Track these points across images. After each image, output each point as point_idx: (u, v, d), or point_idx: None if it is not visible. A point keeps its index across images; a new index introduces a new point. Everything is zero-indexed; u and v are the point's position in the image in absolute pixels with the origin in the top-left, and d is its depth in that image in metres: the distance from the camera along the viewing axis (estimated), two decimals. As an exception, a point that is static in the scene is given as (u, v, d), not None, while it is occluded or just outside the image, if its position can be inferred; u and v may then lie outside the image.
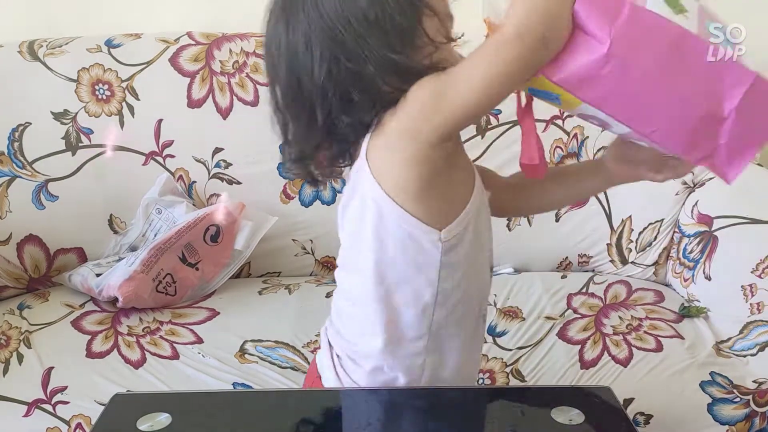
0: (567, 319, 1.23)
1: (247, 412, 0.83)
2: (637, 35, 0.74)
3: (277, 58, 0.75)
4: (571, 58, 0.72)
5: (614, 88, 0.74)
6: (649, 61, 0.74)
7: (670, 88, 0.76)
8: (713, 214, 1.33)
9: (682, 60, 0.77)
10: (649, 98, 0.75)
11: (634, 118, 0.76)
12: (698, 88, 0.77)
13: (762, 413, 1.05)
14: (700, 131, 0.77)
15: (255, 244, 1.34)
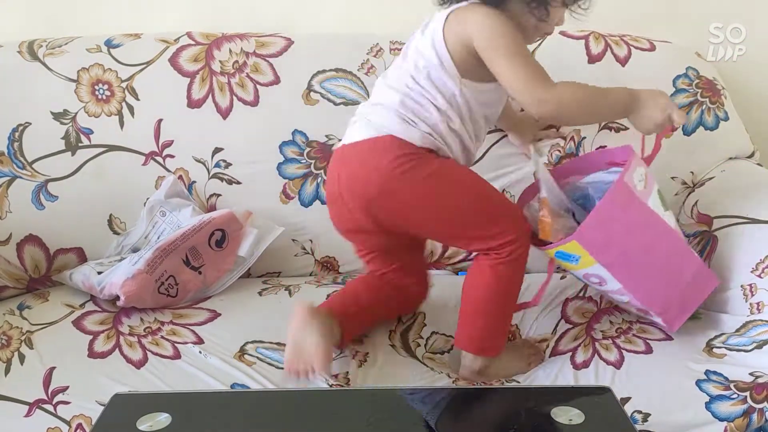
0: (559, 334, 1.23)
1: (247, 412, 0.83)
2: (639, 222, 1.09)
3: None
4: (600, 233, 1.07)
5: (619, 256, 1.09)
6: (643, 242, 1.10)
7: (651, 264, 1.12)
8: (713, 214, 1.33)
9: (661, 245, 1.11)
10: (638, 267, 1.11)
11: (625, 279, 1.11)
12: (668, 265, 1.13)
13: (759, 409, 1.05)
14: (663, 294, 1.14)
15: (259, 253, 1.34)
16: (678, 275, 1.14)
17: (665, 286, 1.14)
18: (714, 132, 1.46)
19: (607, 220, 1.07)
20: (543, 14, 1.07)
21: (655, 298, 1.15)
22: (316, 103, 1.41)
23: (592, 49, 1.46)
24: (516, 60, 1.04)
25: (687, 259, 1.14)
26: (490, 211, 1.09)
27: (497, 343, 1.13)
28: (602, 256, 1.09)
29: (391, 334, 1.21)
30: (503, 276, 1.09)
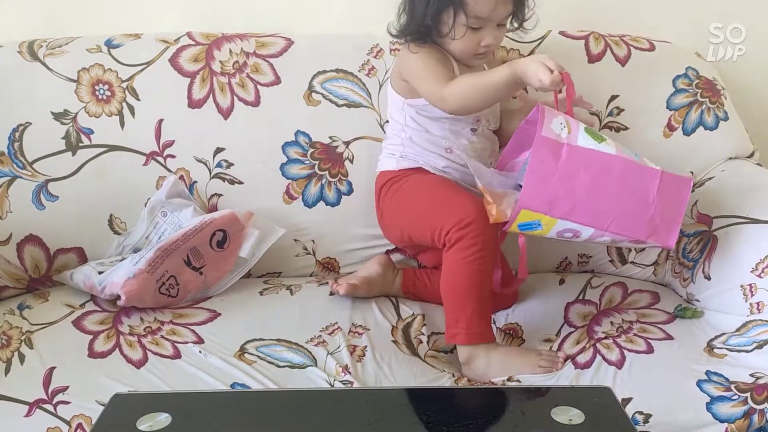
0: (563, 336, 1.23)
1: (247, 412, 0.83)
2: (576, 165, 1.10)
3: None
4: (542, 192, 1.10)
5: (573, 204, 1.10)
6: (588, 180, 1.10)
7: (609, 195, 1.11)
8: (712, 213, 1.33)
9: (610, 175, 1.11)
10: (597, 205, 1.11)
11: (592, 221, 1.12)
12: (626, 190, 1.12)
13: (760, 410, 1.05)
14: (640, 218, 1.12)
15: (260, 254, 1.34)
16: (642, 194, 1.11)
17: (635, 210, 1.12)
18: (714, 132, 1.46)
19: (543, 177, 1.10)
20: (449, 34, 1.24)
21: (633, 226, 1.13)
22: (318, 104, 1.41)
23: (592, 49, 1.46)
24: (425, 76, 1.25)
25: (644, 175, 1.12)
26: (440, 206, 1.23)
27: (482, 328, 1.16)
28: (557, 210, 1.11)
29: (393, 330, 1.21)
30: (466, 262, 1.16)
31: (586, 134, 1.13)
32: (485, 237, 1.17)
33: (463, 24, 1.22)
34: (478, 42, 1.25)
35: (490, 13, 1.22)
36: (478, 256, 1.16)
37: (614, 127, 1.45)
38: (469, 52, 1.27)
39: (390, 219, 1.34)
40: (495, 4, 1.21)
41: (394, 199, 1.32)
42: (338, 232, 1.43)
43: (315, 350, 1.13)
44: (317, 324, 1.20)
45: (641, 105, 1.46)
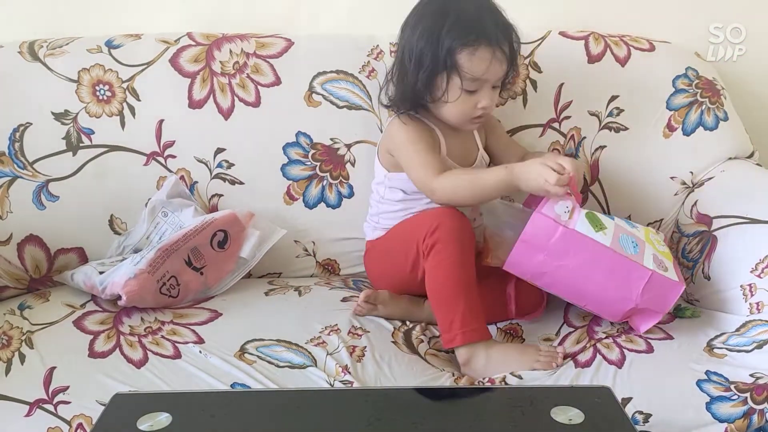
0: (563, 335, 1.23)
1: (247, 412, 0.83)
2: (566, 248, 1.13)
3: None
4: (525, 262, 1.15)
5: (555, 280, 1.17)
6: (575, 264, 1.14)
7: (592, 282, 1.15)
8: (712, 213, 1.33)
9: (597, 264, 1.14)
10: (579, 287, 1.17)
11: (571, 298, 1.21)
12: (611, 282, 1.15)
13: (760, 410, 1.05)
14: (618, 307, 1.17)
15: (261, 255, 1.35)
16: (626, 289, 1.14)
17: (616, 301, 1.15)
18: (714, 132, 1.46)
19: (531, 251, 1.15)
20: (443, 98, 1.23)
21: (609, 312, 1.18)
22: (319, 105, 1.41)
23: (592, 50, 1.47)
24: (414, 161, 1.25)
25: (632, 272, 1.13)
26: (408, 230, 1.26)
27: (476, 325, 1.15)
28: (539, 281, 1.18)
29: (394, 332, 1.21)
30: (446, 263, 1.17)
31: (586, 220, 1.15)
32: (458, 235, 1.18)
33: (458, 87, 1.21)
34: (474, 105, 1.23)
35: (484, 73, 1.20)
36: (456, 254, 1.16)
37: (614, 127, 1.46)
38: (466, 116, 1.25)
39: (375, 275, 1.36)
40: (489, 63, 1.19)
41: (373, 258, 1.36)
42: (339, 233, 1.43)
43: (315, 350, 1.13)
44: (318, 325, 1.20)
45: (641, 105, 1.46)
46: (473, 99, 1.23)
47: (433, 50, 1.20)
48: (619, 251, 1.14)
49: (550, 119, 1.45)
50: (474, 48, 1.18)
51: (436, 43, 1.19)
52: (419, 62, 1.21)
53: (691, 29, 1.58)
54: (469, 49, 1.19)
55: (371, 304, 1.24)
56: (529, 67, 1.45)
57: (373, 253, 1.37)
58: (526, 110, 1.44)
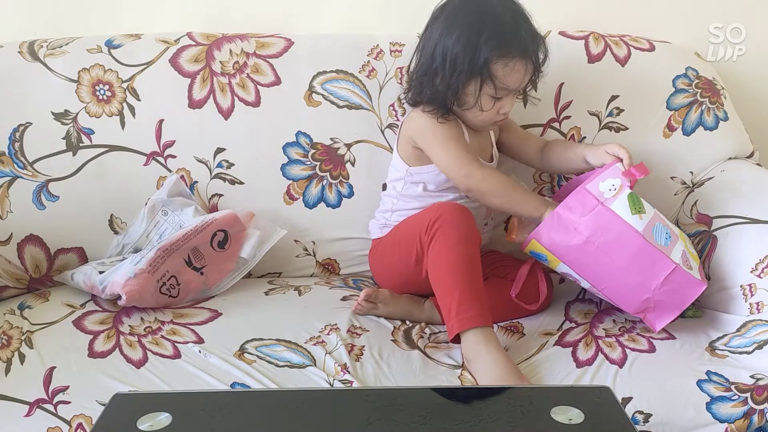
0: (564, 330, 1.23)
1: (247, 412, 0.83)
2: (597, 225, 1.15)
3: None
4: (554, 233, 1.17)
5: (578, 258, 1.17)
6: (602, 243, 1.15)
7: (614, 265, 1.15)
8: (712, 214, 1.33)
9: (624, 247, 1.15)
10: (600, 267, 1.16)
11: (591, 279, 1.19)
12: (633, 267, 1.15)
13: (760, 410, 1.05)
14: (635, 296, 1.17)
15: (261, 255, 1.34)
16: (647, 277, 1.15)
17: (634, 288, 1.16)
18: (714, 132, 1.46)
19: (564, 223, 1.16)
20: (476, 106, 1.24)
21: (625, 300, 1.18)
22: (319, 105, 1.41)
23: (592, 50, 1.47)
24: (448, 143, 1.26)
25: (657, 262, 1.14)
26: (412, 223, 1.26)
27: (474, 312, 1.13)
28: (564, 256, 1.18)
29: (394, 331, 1.21)
30: (446, 250, 1.17)
31: (627, 200, 1.16)
32: (460, 224, 1.18)
33: (490, 95, 1.23)
34: (497, 110, 1.26)
35: (516, 84, 1.24)
36: (456, 241, 1.17)
37: (614, 127, 1.46)
38: (488, 120, 1.28)
39: (379, 272, 1.37)
40: (523, 75, 1.23)
41: (378, 257, 1.36)
42: (339, 233, 1.43)
43: (314, 350, 1.13)
44: (317, 325, 1.20)
45: (641, 105, 1.46)
46: (498, 105, 1.26)
47: (470, 57, 1.20)
48: (649, 239, 1.15)
49: (550, 119, 1.45)
50: (510, 59, 1.20)
51: (473, 50, 1.19)
52: (453, 65, 1.21)
53: (691, 29, 1.58)
54: (504, 60, 1.20)
55: (371, 302, 1.24)
56: (529, 67, 1.45)
57: (378, 251, 1.37)
58: (526, 110, 1.44)
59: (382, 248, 1.35)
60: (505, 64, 1.21)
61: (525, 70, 1.23)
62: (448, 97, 1.25)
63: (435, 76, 1.24)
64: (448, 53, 1.21)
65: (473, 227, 1.21)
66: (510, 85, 1.23)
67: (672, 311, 1.17)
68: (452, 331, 1.15)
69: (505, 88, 1.23)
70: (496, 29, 1.20)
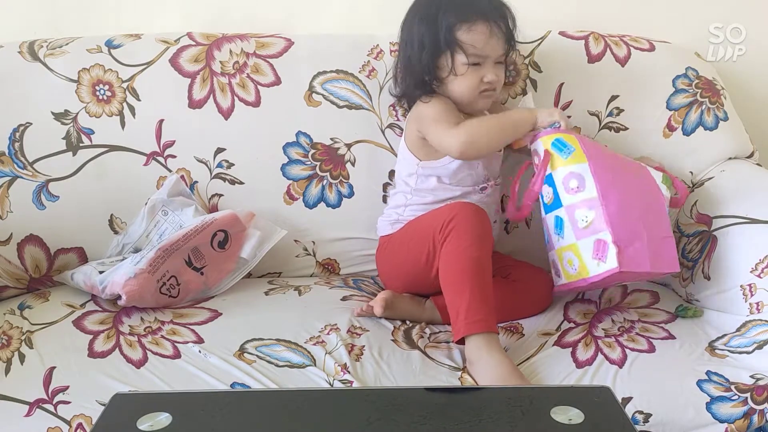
0: (563, 330, 1.23)
1: (247, 412, 0.83)
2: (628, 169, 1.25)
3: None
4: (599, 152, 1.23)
5: (604, 165, 1.20)
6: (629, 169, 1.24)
7: (632, 189, 1.20)
8: (712, 214, 1.33)
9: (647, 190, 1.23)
10: (618, 184, 1.19)
11: (602, 188, 1.17)
12: (645, 204, 1.20)
13: (760, 410, 1.05)
14: (631, 226, 1.17)
15: (262, 255, 1.34)
16: (650, 223, 1.18)
17: (636, 220, 1.17)
18: (713, 132, 1.46)
19: (601, 147, 1.26)
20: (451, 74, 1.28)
21: (622, 223, 1.16)
22: (319, 105, 1.41)
23: (592, 50, 1.47)
24: (439, 119, 1.28)
25: (664, 222, 1.20)
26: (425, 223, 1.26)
27: (481, 316, 1.13)
28: (593, 159, 1.19)
29: (394, 331, 1.21)
30: (458, 251, 1.17)
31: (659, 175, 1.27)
32: (475, 226, 1.18)
33: (463, 63, 1.27)
34: (480, 79, 1.28)
35: (485, 45, 1.26)
36: (471, 244, 1.17)
37: (614, 127, 1.46)
38: (473, 90, 1.29)
39: (386, 271, 1.36)
40: (488, 36, 1.25)
41: (386, 255, 1.36)
42: (339, 233, 1.43)
43: (314, 350, 1.14)
44: (317, 325, 1.20)
45: (641, 105, 1.46)
46: (478, 73, 1.27)
47: (433, 32, 1.26)
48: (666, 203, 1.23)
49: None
50: (471, 23, 1.25)
51: (434, 24, 1.26)
52: (421, 46, 1.28)
53: (691, 29, 1.58)
54: (467, 25, 1.25)
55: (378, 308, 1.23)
56: (529, 67, 1.45)
57: (388, 248, 1.36)
58: (526, 110, 1.44)
59: (392, 245, 1.35)
60: (468, 28, 1.25)
61: (491, 32, 1.26)
62: (425, 76, 1.29)
63: (411, 61, 1.30)
64: (414, 36, 1.28)
65: (488, 229, 1.21)
66: (481, 49, 1.25)
67: (644, 263, 1.16)
68: (458, 334, 1.14)
69: (477, 53, 1.26)
70: (452, 1, 1.27)
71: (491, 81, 1.28)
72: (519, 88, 1.44)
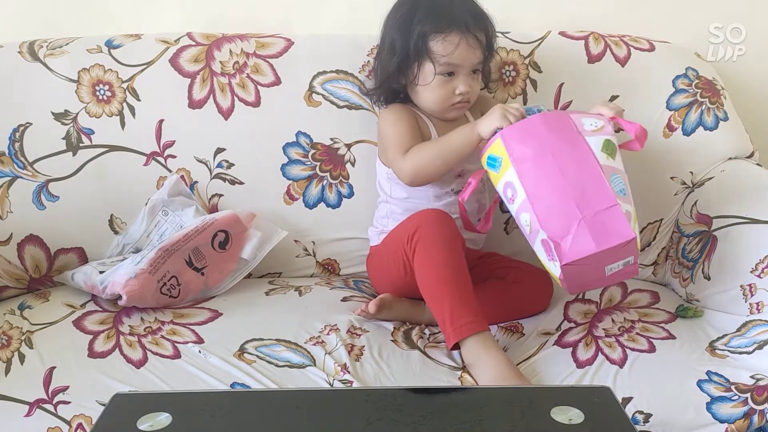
0: (563, 330, 1.23)
1: (247, 412, 0.83)
2: (562, 140, 1.10)
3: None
4: (523, 137, 1.12)
5: (530, 168, 1.10)
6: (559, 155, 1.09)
7: (562, 180, 1.08)
8: (712, 214, 1.33)
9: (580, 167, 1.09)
10: (546, 184, 1.09)
11: (531, 193, 1.10)
12: (579, 187, 1.08)
13: (760, 411, 1.05)
14: (566, 220, 1.07)
15: (262, 256, 1.34)
16: (587, 201, 1.07)
17: (569, 206, 1.07)
18: (713, 132, 1.46)
19: (533, 127, 1.12)
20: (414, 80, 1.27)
21: (553, 216, 1.09)
22: (319, 105, 1.41)
23: (592, 50, 1.47)
24: (390, 143, 1.28)
25: (603, 194, 1.08)
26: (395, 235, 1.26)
27: (466, 319, 1.12)
28: (517, 161, 1.11)
29: (394, 332, 1.21)
30: (429, 260, 1.17)
31: (602, 143, 1.11)
32: (439, 232, 1.18)
33: (431, 72, 1.25)
34: (452, 91, 1.26)
35: (452, 55, 1.23)
36: (439, 251, 1.16)
37: (614, 127, 1.45)
38: (444, 101, 1.27)
39: (377, 280, 1.35)
40: (456, 47, 1.22)
41: (375, 263, 1.36)
42: (339, 233, 1.43)
43: (313, 350, 1.14)
44: (317, 325, 1.20)
45: (641, 105, 1.46)
46: (451, 85, 1.26)
47: (405, 38, 1.25)
48: (606, 175, 1.09)
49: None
50: (445, 34, 1.23)
51: (407, 31, 1.25)
52: (392, 50, 1.27)
53: (691, 29, 1.58)
54: (440, 35, 1.23)
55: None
56: (529, 67, 1.45)
57: (374, 259, 1.37)
58: (525, 110, 1.44)
59: (377, 257, 1.35)
60: (442, 39, 1.23)
61: (466, 43, 1.23)
62: (392, 83, 1.30)
63: (384, 64, 1.30)
64: (388, 40, 1.28)
65: (454, 231, 1.20)
66: (453, 59, 1.23)
67: (589, 244, 1.06)
68: (450, 341, 1.14)
69: (449, 63, 1.24)
70: (428, 8, 1.25)
71: (463, 92, 1.26)
72: (519, 87, 1.44)
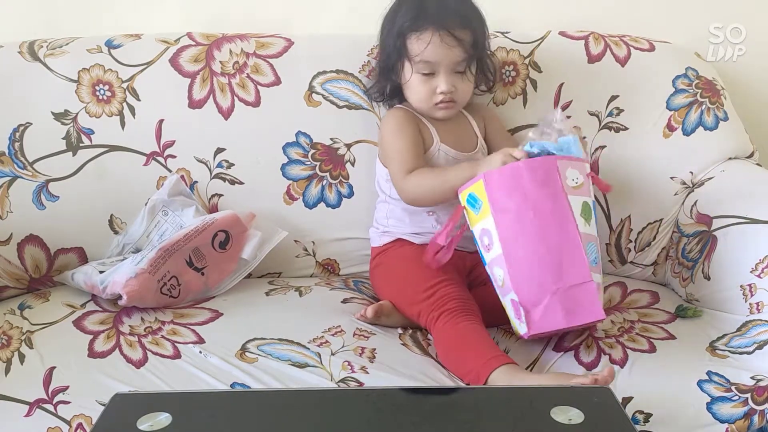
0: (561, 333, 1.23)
1: (247, 412, 0.83)
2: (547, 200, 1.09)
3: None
4: (507, 184, 1.10)
5: (511, 223, 1.09)
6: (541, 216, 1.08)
7: (540, 245, 1.09)
8: (712, 213, 1.33)
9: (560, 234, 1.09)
10: (522, 245, 1.09)
11: (506, 250, 1.10)
12: (557, 257, 1.08)
13: (761, 411, 1.05)
14: (538, 288, 1.08)
15: (263, 256, 1.34)
16: (563, 274, 1.07)
17: (543, 275, 1.07)
18: (713, 132, 1.46)
19: (518, 179, 1.10)
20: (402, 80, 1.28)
21: (526, 282, 1.09)
22: (319, 105, 1.41)
23: (592, 50, 1.47)
24: (393, 158, 1.28)
25: (579, 267, 1.07)
26: (411, 294, 1.22)
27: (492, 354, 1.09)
28: (498, 212, 1.10)
29: (401, 336, 1.21)
30: (451, 328, 1.14)
31: (579, 205, 1.10)
32: (456, 299, 1.17)
33: (415, 72, 1.26)
34: (433, 90, 1.26)
35: (423, 53, 1.23)
36: (460, 317, 1.15)
37: (614, 127, 1.46)
38: (425, 100, 1.27)
39: (381, 292, 1.33)
40: (427, 44, 1.22)
41: (381, 276, 1.34)
42: (339, 233, 1.43)
43: (316, 350, 1.13)
44: (320, 326, 1.20)
45: (641, 105, 1.46)
46: (431, 83, 1.26)
47: (388, 36, 1.28)
48: (583, 244, 1.08)
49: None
50: (420, 32, 1.23)
51: (391, 30, 1.27)
52: (382, 49, 1.31)
53: (691, 29, 1.58)
54: (416, 33, 1.24)
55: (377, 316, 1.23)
56: (529, 67, 1.45)
57: (380, 271, 1.34)
58: (525, 110, 1.44)
59: (383, 272, 1.33)
60: (417, 37, 1.23)
61: (440, 41, 1.21)
62: (382, 82, 1.32)
63: (378, 62, 1.33)
64: (379, 38, 1.31)
65: (465, 294, 1.20)
66: (429, 57, 1.23)
67: (558, 319, 1.07)
68: (480, 380, 1.07)
69: (423, 61, 1.23)
70: (410, 7, 1.26)
71: (444, 91, 1.25)
72: (519, 88, 1.45)
